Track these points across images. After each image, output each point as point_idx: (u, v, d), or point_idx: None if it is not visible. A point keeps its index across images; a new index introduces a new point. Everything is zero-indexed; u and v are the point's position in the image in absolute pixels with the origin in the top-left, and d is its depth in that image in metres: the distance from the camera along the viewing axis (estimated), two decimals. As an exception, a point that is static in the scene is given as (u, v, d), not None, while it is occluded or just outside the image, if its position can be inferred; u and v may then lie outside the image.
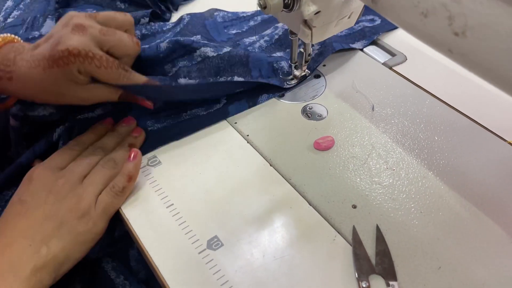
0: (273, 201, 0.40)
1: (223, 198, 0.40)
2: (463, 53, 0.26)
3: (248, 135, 0.46)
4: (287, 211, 0.39)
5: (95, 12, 0.42)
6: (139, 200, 0.40)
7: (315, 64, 0.52)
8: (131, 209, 0.40)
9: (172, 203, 0.40)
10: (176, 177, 0.42)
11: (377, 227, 0.37)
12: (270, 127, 0.46)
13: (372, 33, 0.57)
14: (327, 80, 0.52)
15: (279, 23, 0.59)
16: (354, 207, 0.39)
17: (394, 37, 0.58)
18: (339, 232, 0.37)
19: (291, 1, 0.37)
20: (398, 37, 0.57)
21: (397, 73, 0.52)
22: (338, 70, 0.53)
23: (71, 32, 0.38)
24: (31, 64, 0.38)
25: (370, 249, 0.36)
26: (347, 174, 0.42)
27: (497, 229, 0.37)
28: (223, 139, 0.45)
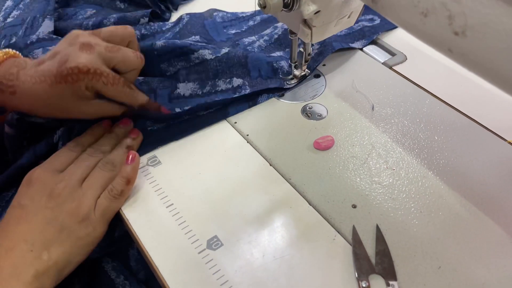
0: (273, 201, 0.40)
1: (223, 198, 0.40)
2: (463, 53, 0.26)
3: (248, 134, 0.46)
4: (287, 210, 0.39)
5: (97, 30, 0.43)
6: (139, 200, 0.40)
7: (315, 63, 0.52)
8: (131, 209, 0.40)
9: (172, 203, 0.40)
10: (176, 177, 0.42)
11: (377, 226, 0.37)
12: (270, 127, 0.46)
13: (371, 32, 0.57)
14: (327, 79, 0.52)
15: (279, 22, 0.59)
16: (354, 206, 0.39)
17: (394, 36, 0.58)
18: (339, 232, 0.37)
19: (290, 0, 0.37)
20: (398, 37, 0.57)
21: (397, 72, 0.52)
22: (338, 70, 0.53)
23: (79, 50, 0.39)
24: (36, 79, 0.39)
25: (370, 248, 0.36)
26: (347, 173, 0.42)
27: (497, 228, 0.37)
28: (223, 139, 0.45)
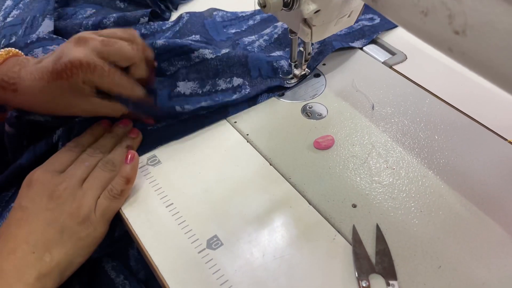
0: (273, 201, 0.40)
1: (222, 197, 0.40)
2: (463, 52, 0.26)
3: (248, 134, 0.46)
4: (287, 210, 0.39)
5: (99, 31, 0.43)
6: (139, 200, 0.40)
7: (315, 63, 0.52)
8: (131, 209, 0.40)
9: (172, 203, 0.40)
10: (176, 176, 0.42)
11: (377, 226, 0.37)
12: (270, 126, 0.46)
13: (371, 32, 0.57)
14: (327, 79, 0.52)
15: (279, 22, 0.59)
16: (354, 206, 0.39)
17: (394, 36, 0.58)
18: (339, 232, 0.37)
19: (290, -1, 0.37)
20: (398, 36, 0.57)
21: (397, 72, 0.52)
22: (338, 69, 0.53)
23: (74, 45, 0.39)
24: (35, 76, 0.39)
25: (370, 248, 0.36)
26: (347, 173, 0.42)
27: (497, 228, 0.37)
28: (222, 139, 0.45)
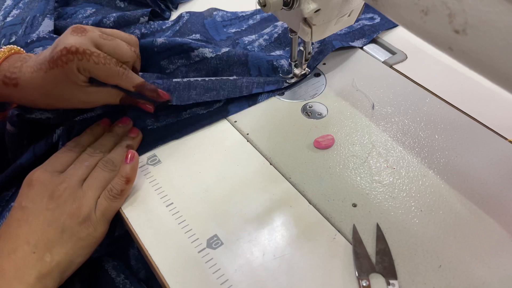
0: (273, 200, 0.40)
1: (223, 197, 0.40)
2: (463, 51, 0.26)
3: (248, 133, 0.46)
4: (287, 209, 0.39)
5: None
6: (139, 199, 0.40)
7: (315, 62, 0.52)
8: (131, 208, 0.40)
9: (172, 202, 0.40)
10: (176, 176, 0.42)
11: (378, 225, 0.37)
12: (270, 126, 0.46)
13: (371, 31, 0.57)
14: (327, 78, 0.52)
15: (279, 21, 0.59)
16: (354, 205, 0.39)
17: (394, 35, 0.57)
18: (339, 231, 0.37)
19: (290, -1, 0.37)
20: (398, 35, 0.57)
21: (397, 71, 0.52)
22: (338, 69, 0.53)
23: (70, 34, 0.39)
24: (33, 68, 0.39)
25: (371, 247, 0.36)
26: (347, 172, 0.42)
27: (497, 227, 0.37)
28: (223, 138, 0.45)
